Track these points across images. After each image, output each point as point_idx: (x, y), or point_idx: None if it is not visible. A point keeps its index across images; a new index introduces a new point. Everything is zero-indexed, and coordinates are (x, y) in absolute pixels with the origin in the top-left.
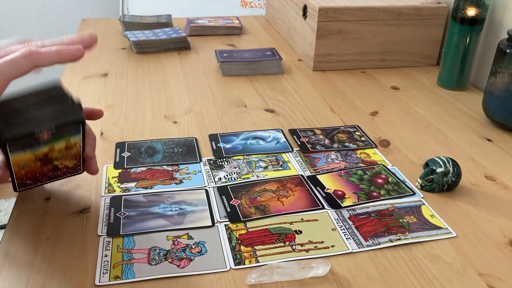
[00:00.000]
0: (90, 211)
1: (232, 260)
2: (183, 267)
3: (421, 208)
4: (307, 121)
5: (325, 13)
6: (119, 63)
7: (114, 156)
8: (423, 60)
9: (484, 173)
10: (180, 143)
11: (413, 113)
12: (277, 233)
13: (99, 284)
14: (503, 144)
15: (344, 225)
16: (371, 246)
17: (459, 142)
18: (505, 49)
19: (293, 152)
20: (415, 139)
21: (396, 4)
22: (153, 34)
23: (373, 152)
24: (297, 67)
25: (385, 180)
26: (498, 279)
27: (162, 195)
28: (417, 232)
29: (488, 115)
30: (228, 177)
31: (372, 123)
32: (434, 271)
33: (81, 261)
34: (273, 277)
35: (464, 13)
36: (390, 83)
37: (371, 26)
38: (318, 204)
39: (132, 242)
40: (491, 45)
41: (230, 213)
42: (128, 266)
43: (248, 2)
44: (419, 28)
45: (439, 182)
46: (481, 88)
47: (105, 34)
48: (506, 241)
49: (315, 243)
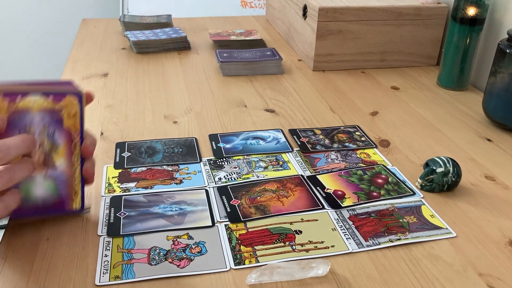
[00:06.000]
0: (90, 211)
1: (232, 260)
2: (183, 267)
3: (421, 208)
4: (307, 121)
5: (325, 13)
6: (119, 63)
7: (114, 156)
8: (423, 60)
9: (484, 173)
10: (180, 143)
11: (413, 113)
12: (277, 233)
13: (99, 284)
14: (503, 144)
15: (344, 225)
16: (371, 246)
17: (459, 142)
18: (505, 49)
19: (293, 152)
20: (415, 139)
21: (396, 4)
22: (153, 34)
23: (373, 152)
24: (297, 67)
25: (385, 180)
26: (498, 279)
27: (162, 195)
28: (417, 232)
29: (488, 115)
30: (228, 177)
31: (372, 123)
32: (434, 271)
33: (81, 261)
34: (273, 277)
35: (464, 13)
36: (390, 83)
37: (371, 26)
38: (318, 204)
39: (132, 242)
40: (491, 45)
41: (230, 213)
42: (128, 266)
43: (248, 2)
44: (419, 28)
45: (439, 182)
46: (481, 88)
47: (105, 34)
48: (506, 241)
49: (315, 243)
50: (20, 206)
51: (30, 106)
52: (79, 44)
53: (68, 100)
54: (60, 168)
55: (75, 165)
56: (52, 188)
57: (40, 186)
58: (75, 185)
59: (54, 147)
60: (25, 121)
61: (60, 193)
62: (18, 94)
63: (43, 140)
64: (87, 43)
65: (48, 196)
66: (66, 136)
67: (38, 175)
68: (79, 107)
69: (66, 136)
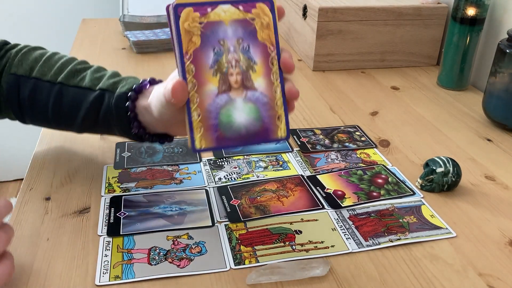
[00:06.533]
0: (90, 211)
1: (232, 260)
2: (183, 267)
3: (421, 208)
4: (307, 121)
5: (325, 13)
6: (119, 63)
7: (114, 156)
8: (423, 60)
9: (484, 173)
10: (180, 143)
11: (413, 113)
12: (277, 233)
13: (99, 284)
14: (503, 144)
15: (344, 225)
16: (371, 246)
17: (459, 142)
18: (505, 49)
19: (293, 152)
20: (415, 139)
21: (396, 4)
22: (153, 34)
23: (373, 152)
24: (297, 67)
25: (385, 180)
26: (498, 279)
27: (162, 195)
28: (417, 232)
29: (488, 115)
30: (228, 177)
31: (372, 123)
32: (434, 271)
33: (81, 261)
34: (273, 277)
35: (464, 13)
36: (390, 83)
37: (371, 26)
38: (318, 204)
39: (132, 242)
40: (491, 45)
41: (230, 213)
42: (128, 266)
43: None
44: (419, 28)
45: (439, 182)
46: (481, 88)
47: (105, 34)
48: (506, 241)
49: (315, 243)
50: (222, 136)
51: (222, 17)
52: (79, 44)
53: (260, 8)
54: (259, 89)
55: (275, 83)
56: (254, 112)
57: (241, 111)
58: (278, 108)
59: (251, 64)
60: (218, 35)
61: (263, 118)
62: (207, 5)
63: (239, 56)
64: (87, 43)
65: (251, 122)
66: (262, 50)
67: (238, 99)
68: (272, 16)
69: (262, 50)
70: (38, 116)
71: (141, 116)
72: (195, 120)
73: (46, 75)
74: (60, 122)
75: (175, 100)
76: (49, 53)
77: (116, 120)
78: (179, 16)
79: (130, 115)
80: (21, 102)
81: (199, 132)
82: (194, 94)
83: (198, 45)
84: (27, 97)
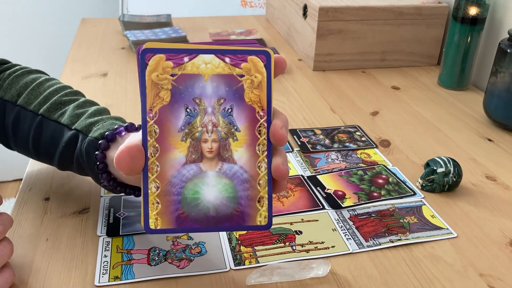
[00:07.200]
0: (89, 211)
1: (232, 261)
2: (183, 267)
3: (422, 209)
4: (307, 121)
5: (325, 12)
6: (119, 63)
7: None
8: (424, 60)
9: (485, 173)
10: None
11: (414, 113)
12: (277, 234)
13: (98, 285)
14: (504, 144)
15: (345, 226)
16: (372, 246)
17: (459, 142)
18: (506, 48)
19: (293, 152)
20: (415, 139)
21: (396, 3)
22: (153, 34)
23: (374, 152)
24: (297, 67)
25: (385, 180)
26: (498, 280)
27: None
28: (418, 232)
29: (489, 115)
30: None
31: (372, 123)
32: (434, 271)
33: (80, 261)
34: (273, 277)
35: (465, 13)
36: (391, 83)
37: (371, 25)
38: (319, 204)
39: (132, 243)
40: (492, 44)
41: None
42: (128, 266)
43: (248, 2)
44: (420, 28)
45: (439, 182)
46: (482, 88)
47: (105, 34)
48: (507, 241)
49: (316, 244)
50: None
51: (201, 70)
52: (78, 43)
53: (252, 63)
54: (239, 162)
55: (260, 157)
56: (229, 191)
57: (212, 187)
58: (261, 188)
59: (232, 130)
60: (194, 92)
61: (239, 199)
62: (184, 53)
63: (218, 120)
64: (86, 43)
65: (223, 202)
66: (248, 114)
67: (210, 172)
68: (266, 73)
69: (248, 115)
70: (21, 145)
71: (112, 168)
72: (151, 194)
73: (31, 104)
74: (39, 155)
75: (123, 172)
76: (42, 79)
77: (88, 167)
78: (146, 64)
79: (98, 166)
80: (6, 128)
81: (155, 209)
82: (154, 162)
83: (167, 101)
84: (11, 124)
